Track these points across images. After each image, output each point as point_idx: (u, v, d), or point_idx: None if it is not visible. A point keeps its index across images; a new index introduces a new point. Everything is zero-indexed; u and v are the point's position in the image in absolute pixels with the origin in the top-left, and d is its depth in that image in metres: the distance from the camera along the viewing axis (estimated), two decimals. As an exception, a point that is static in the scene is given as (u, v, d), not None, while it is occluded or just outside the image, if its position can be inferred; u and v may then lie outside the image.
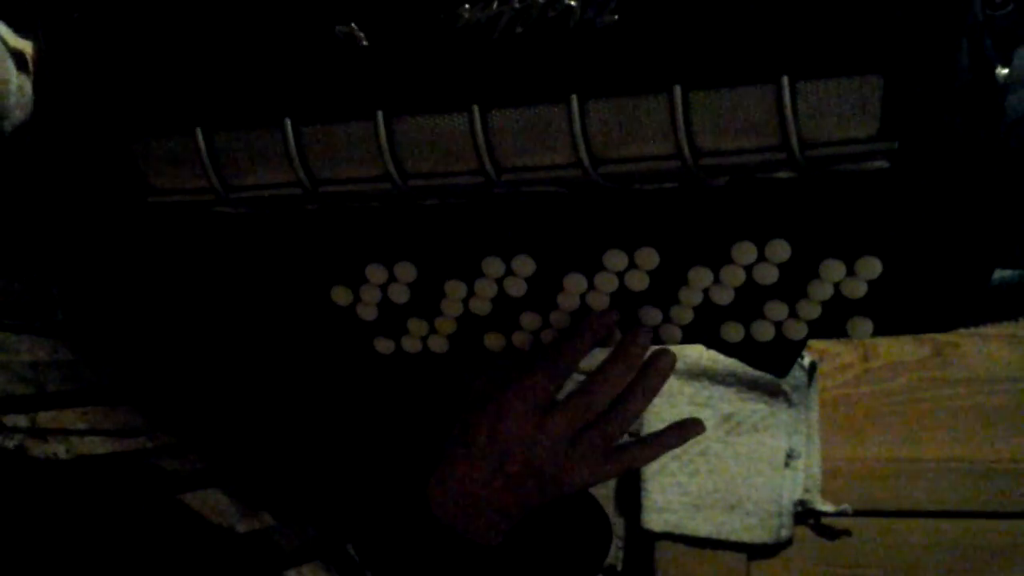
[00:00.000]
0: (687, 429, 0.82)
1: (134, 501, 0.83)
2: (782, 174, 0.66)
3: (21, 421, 0.78)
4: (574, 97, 0.64)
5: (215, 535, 0.87)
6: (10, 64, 0.73)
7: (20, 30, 0.75)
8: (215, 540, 0.87)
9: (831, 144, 0.63)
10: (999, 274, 0.79)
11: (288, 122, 0.68)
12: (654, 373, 0.78)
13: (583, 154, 0.65)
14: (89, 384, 0.86)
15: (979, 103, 0.64)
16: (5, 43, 0.74)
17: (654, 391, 0.78)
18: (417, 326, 0.80)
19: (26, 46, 0.76)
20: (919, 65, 0.60)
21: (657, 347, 0.78)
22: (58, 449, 0.80)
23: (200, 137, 0.69)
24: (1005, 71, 0.65)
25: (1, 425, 0.77)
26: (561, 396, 0.78)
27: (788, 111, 0.61)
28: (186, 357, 0.89)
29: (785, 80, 0.61)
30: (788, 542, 1.50)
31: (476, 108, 0.65)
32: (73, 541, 0.76)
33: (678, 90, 0.62)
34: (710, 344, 0.77)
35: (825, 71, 0.61)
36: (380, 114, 0.67)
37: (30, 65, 0.75)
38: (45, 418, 0.80)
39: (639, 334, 0.76)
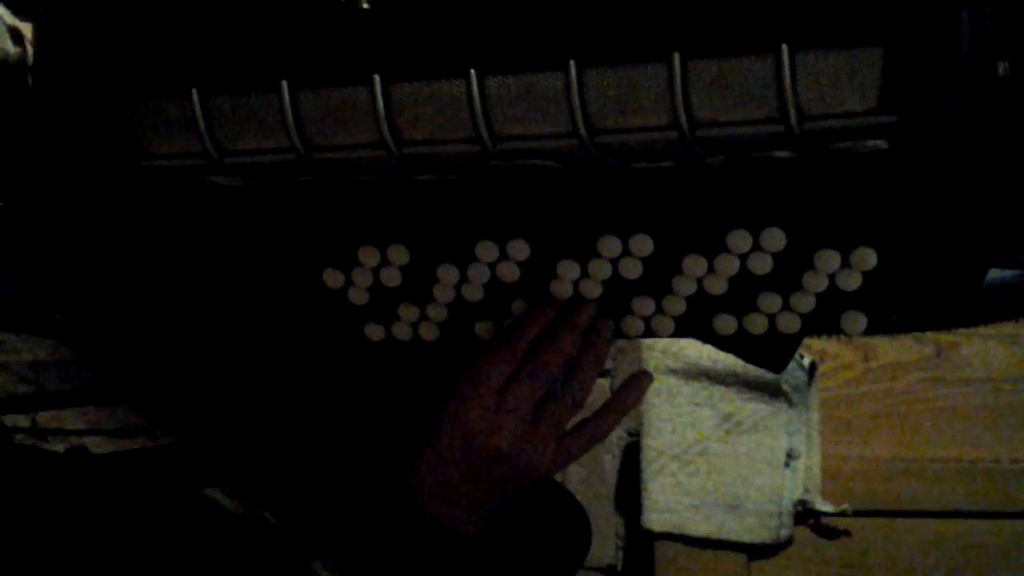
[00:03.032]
0: (637, 386, 0.83)
1: (134, 500, 0.84)
2: (780, 153, 0.65)
3: (21, 421, 0.79)
4: (572, 64, 0.63)
5: (215, 534, 0.88)
6: (8, 39, 0.73)
7: (19, 12, 0.75)
8: (215, 539, 0.87)
9: (829, 117, 0.62)
10: (999, 274, 0.79)
11: (285, 85, 0.67)
12: (598, 341, 0.78)
13: (580, 123, 0.64)
14: (89, 384, 0.86)
15: (980, 85, 0.63)
16: (2, 20, 0.74)
17: (601, 359, 0.78)
18: (408, 312, 0.80)
19: (25, 27, 0.75)
20: (919, 37, 0.59)
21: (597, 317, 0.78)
22: (58, 449, 0.80)
23: (195, 99, 0.68)
24: (1006, 63, 0.65)
25: (1, 425, 0.77)
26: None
27: (787, 82, 0.60)
28: (180, 348, 0.89)
29: (785, 50, 0.60)
30: (788, 542, 1.50)
31: (473, 73, 0.64)
32: (73, 540, 0.76)
33: (677, 59, 0.62)
34: (703, 337, 0.77)
35: (825, 42, 0.60)
36: (377, 78, 0.66)
37: (27, 43, 0.74)
38: (45, 418, 0.80)
39: (587, 305, 0.77)
